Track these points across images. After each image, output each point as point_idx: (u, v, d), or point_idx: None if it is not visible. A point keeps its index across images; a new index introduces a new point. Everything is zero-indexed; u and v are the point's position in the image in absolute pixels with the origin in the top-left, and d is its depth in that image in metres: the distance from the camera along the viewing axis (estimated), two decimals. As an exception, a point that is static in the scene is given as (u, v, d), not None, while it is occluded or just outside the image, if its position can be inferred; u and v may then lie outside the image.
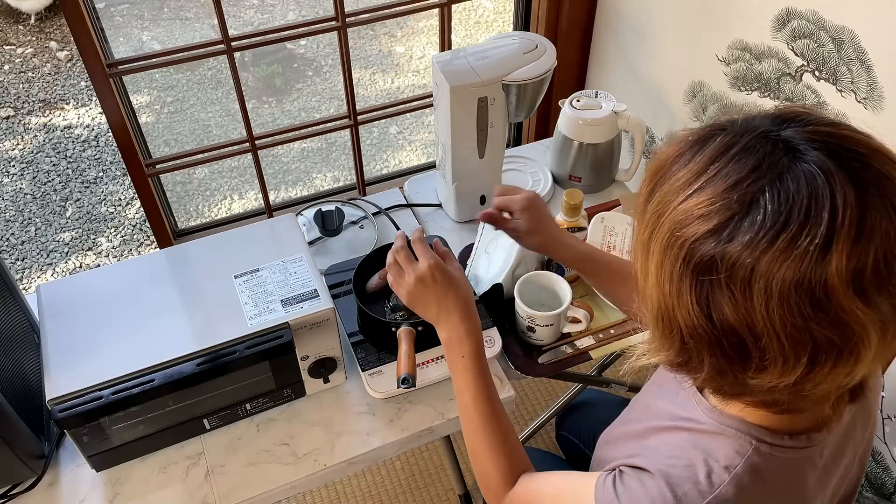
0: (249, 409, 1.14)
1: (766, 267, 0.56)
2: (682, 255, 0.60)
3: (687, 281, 0.60)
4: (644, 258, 0.65)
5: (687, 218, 0.60)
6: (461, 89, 1.27)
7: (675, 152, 0.64)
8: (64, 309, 1.08)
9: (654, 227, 0.63)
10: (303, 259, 1.13)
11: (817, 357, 0.58)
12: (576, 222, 1.27)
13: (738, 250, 0.57)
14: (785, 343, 0.58)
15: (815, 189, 0.56)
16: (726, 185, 0.58)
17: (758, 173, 0.58)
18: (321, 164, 3.00)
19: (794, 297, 0.56)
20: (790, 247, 0.55)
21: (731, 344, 0.60)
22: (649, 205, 0.65)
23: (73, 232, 2.76)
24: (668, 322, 0.64)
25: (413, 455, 1.93)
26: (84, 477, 1.09)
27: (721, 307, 0.59)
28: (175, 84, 3.35)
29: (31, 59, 3.60)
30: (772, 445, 0.70)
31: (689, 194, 0.60)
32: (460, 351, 0.96)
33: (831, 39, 1.20)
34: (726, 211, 0.58)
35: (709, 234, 0.58)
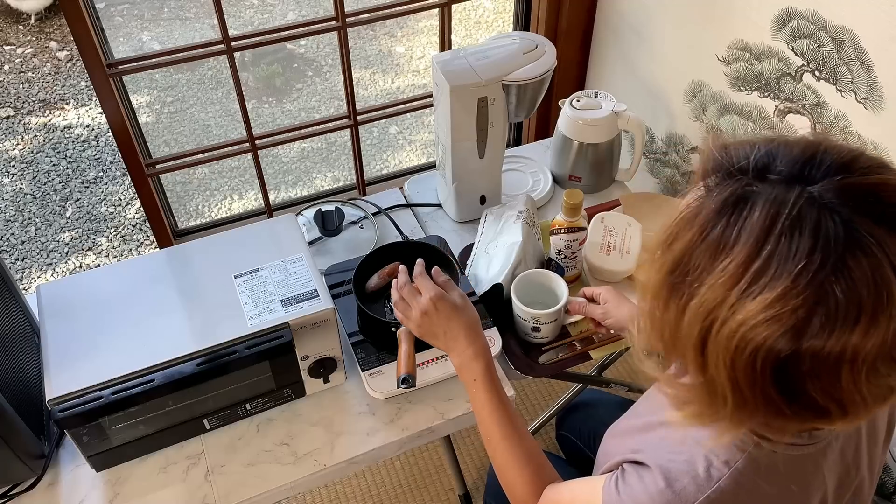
0: (249, 409, 1.14)
1: (852, 354, 0.56)
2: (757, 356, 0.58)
3: (768, 377, 0.59)
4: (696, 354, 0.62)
5: (755, 323, 0.57)
6: (461, 89, 1.27)
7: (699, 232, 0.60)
8: (64, 309, 1.08)
9: (710, 327, 0.60)
10: (303, 259, 1.13)
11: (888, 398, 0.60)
12: (576, 222, 1.27)
13: (818, 345, 0.56)
14: (870, 404, 0.59)
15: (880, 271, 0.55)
16: (787, 279, 0.56)
17: (817, 257, 0.55)
18: (321, 164, 3.00)
19: (879, 366, 0.57)
20: (869, 329, 0.55)
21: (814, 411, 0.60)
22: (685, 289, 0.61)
23: (73, 232, 2.75)
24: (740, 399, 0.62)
25: (413, 455, 1.93)
26: (84, 477, 1.09)
27: (808, 394, 0.59)
28: (175, 84, 3.35)
29: (31, 59, 3.60)
30: (773, 442, 0.70)
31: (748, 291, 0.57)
32: (472, 374, 0.99)
33: (831, 39, 1.20)
34: (797, 309, 0.56)
35: (783, 335, 0.57)
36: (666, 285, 0.63)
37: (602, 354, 1.26)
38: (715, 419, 0.65)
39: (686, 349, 0.63)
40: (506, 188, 1.51)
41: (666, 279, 0.63)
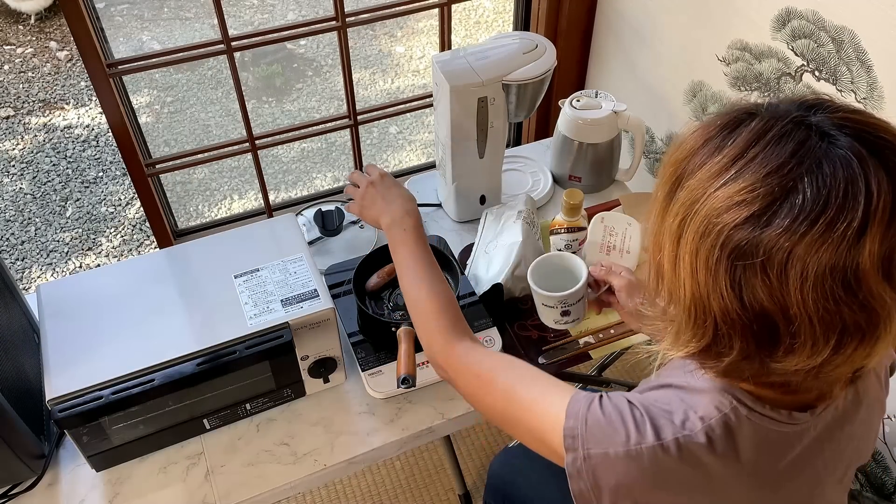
0: (249, 409, 1.14)
1: (804, 251, 0.57)
2: (719, 241, 0.61)
3: (723, 266, 0.61)
4: (673, 247, 0.65)
5: (726, 205, 0.60)
6: (461, 89, 1.27)
7: (703, 138, 0.65)
8: (64, 309, 1.08)
9: (687, 215, 0.63)
10: (303, 259, 1.13)
11: (843, 340, 0.60)
12: (576, 222, 1.27)
13: (776, 234, 0.58)
14: (816, 326, 0.59)
15: (851, 175, 0.57)
16: (766, 170, 0.59)
17: (797, 158, 0.59)
18: (321, 164, 3.00)
19: (829, 280, 0.57)
20: (828, 231, 0.57)
21: (763, 328, 0.62)
22: (679, 192, 0.65)
23: (73, 232, 2.76)
24: (701, 309, 0.64)
25: (413, 455, 1.93)
26: (84, 477, 1.09)
27: (755, 291, 0.60)
28: (175, 84, 3.35)
29: (31, 59, 3.60)
30: (750, 410, 0.71)
31: (725, 180, 0.61)
32: (402, 226, 1.08)
33: (831, 39, 1.20)
34: (766, 197, 0.59)
35: (747, 220, 0.59)
36: (665, 192, 0.67)
37: (602, 354, 1.26)
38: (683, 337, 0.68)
39: (665, 244, 0.66)
40: (506, 188, 1.51)
41: (665, 186, 0.67)
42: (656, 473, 0.70)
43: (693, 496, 0.72)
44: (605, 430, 0.73)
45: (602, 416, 0.74)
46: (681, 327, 0.68)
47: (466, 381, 0.91)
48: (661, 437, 0.70)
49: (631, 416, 0.72)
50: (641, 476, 0.71)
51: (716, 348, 0.66)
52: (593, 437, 0.73)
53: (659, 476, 0.71)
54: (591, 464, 0.72)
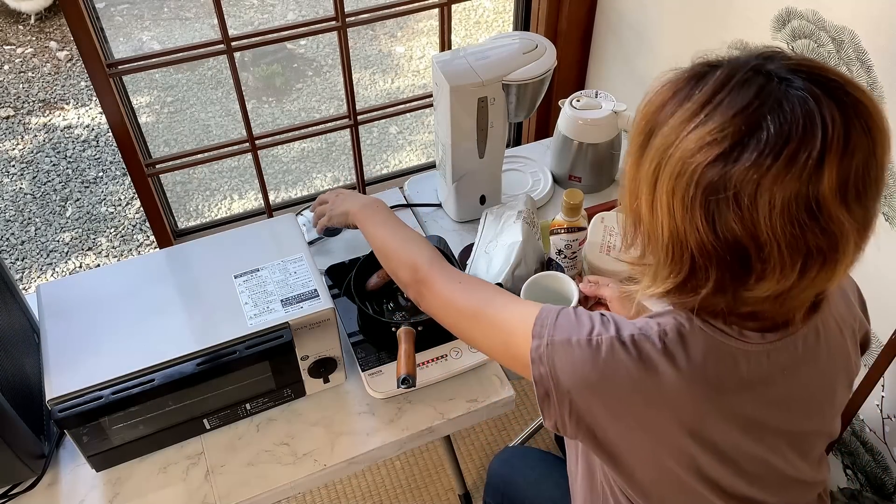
0: (249, 409, 1.14)
1: (771, 182, 0.63)
2: (693, 180, 0.66)
3: (698, 202, 0.66)
4: (650, 192, 0.70)
5: (697, 146, 0.65)
6: (461, 89, 1.27)
7: (672, 90, 0.70)
8: (64, 309, 1.08)
9: (662, 160, 0.69)
10: (303, 259, 1.13)
11: (808, 263, 0.66)
12: (576, 222, 1.27)
13: (746, 168, 0.63)
14: (784, 251, 0.65)
15: (809, 112, 0.63)
16: (733, 112, 0.65)
17: (759, 99, 0.65)
18: (321, 164, 3.00)
19: (794, 208, 0.63)
20: (791, 163, 0.63)
21: (736, 257, 0.67)
22: (652, 140, 0.70)
23: (73, 232, 2.76)
24: (679, 247, 0.70)
25: (413, 455, 1.93)
26: (84, 477, 1.09)
27: (728, 222, 0.65)
28: (175, 84, 3.35)
29: (31, 59, 3.60)
30: (704, 321, 0.76)
31: (696, 125, 0.66)
32: (373, 207, 1.18)
33: (831, 39, 1.20)
34: (734, 136, 0.64)
35: (718, 158, 0.64)
36: (639, 143, 0.72)
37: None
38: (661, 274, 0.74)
39: (643, 190, 0.72)
40: (506, 188, 1.51)
41: (639, 138, 0.72)
42: (610, 364, 0.76)
43: (644, 396, 0.76)
44: (572, 324, 0.80)
45: (570, 315, 0.81)
46: (659, 266, 0.73)
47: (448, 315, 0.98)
48: (621, 334, 0.77)
49: (599, 318, 0.80)
50: (594, 363, 0.76)
51: (693, 282, 0.71)
52: (560, 328, 0.80)
53: (613, 364, 0.76)
54: (552, 349, 0.78)
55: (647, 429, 0.77)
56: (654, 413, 0.76)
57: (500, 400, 1.18)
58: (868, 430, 1.35)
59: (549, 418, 0.81)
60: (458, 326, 0.96)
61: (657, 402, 0.76)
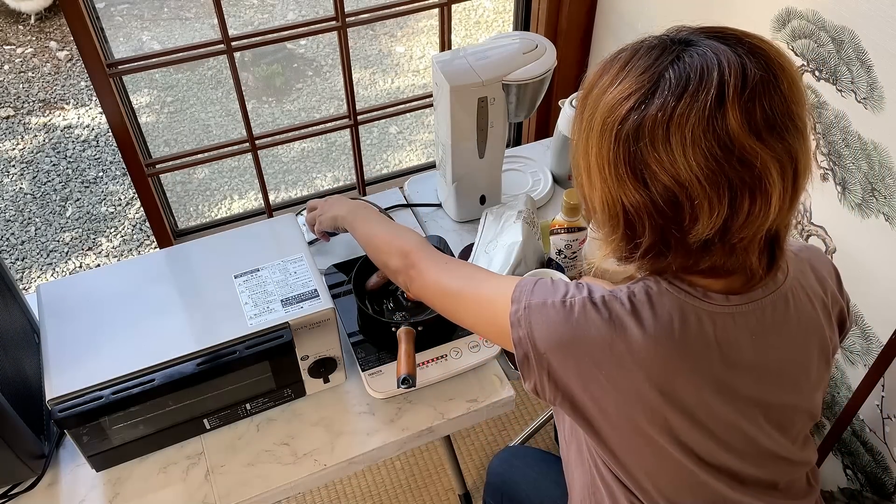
0: (249, 409, 1.14)
1: (678, 121, 0.69)
2: (613, 136, 0.73)
3: (621, 156, 0.73)
4: (585, 158, 0.77)
5: (613, 105, 0.73)
6: (461, 89, 1.27)
7: (598, 72, 0.78)
8: (64, 309, 1.08)
9: (589, 128, 0.76)
10: (303, 259, 1.13)
11: (735, 196, 0.70)
12: (576, 222, 1.27)
13: (654, 113, 0.70)
14: (706, 185, 0.70)
15: (705, 59, 0.71)
16: (640, 71, 0.73)
17: (662, 58, 0.73)
18: (321, 164, 3.00)
19: (705, 142, 0.69)
20: (693, 101, 0.69)
21: (666, 201, 0.72)
22: (584, 115, 0.78)
23: (73, 232, 2.76)
24: (612, 203, 0.76)
25: (413, 455, 1.93)
26: (84, 477, 1.09)
27: (650, 168, 0.71)
28: (175, 84, 3.35)
29: (31, 59, 3.60)
30: (670, 283, 0.80)
31: (612, 88, 0.74)
32: (362, 207, 1.21)
33: (831, 39, 1.20)
34: (641, 89, 0.71)
35: (630, 111, 0.72)
36: (577, 124, 0.79)
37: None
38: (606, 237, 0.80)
39: (580, 161, 0.79)
40: (506, 188, 1.51)
41: (577, 118, 0.80)
42: (581, 323, 0.79)
43: (615, 356, 0.79)
44: (548, 289, 0.84)
45: (549, 283, 0.86)
46: (602, 228, 0.80)
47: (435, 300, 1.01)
48: (592, 295, 0.81)
49: (574, 284, 0.84)
50: (567, 322, 0.80)
51: (633, 236, 0.77)
52: (537, 293, 0.84)
53: (581, 325, 0.79)
54: (529, 312, 0.83)
55: (619, 388, 0.79)
56: (624, 372, 0.79)
57: (500, 400, 1.19)
58: (868, 430, 1.35)
59: (528, 380, 0.84)
60: (447, 308, 0.99)
61: (627, 361, 0.78)
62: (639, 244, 0.77)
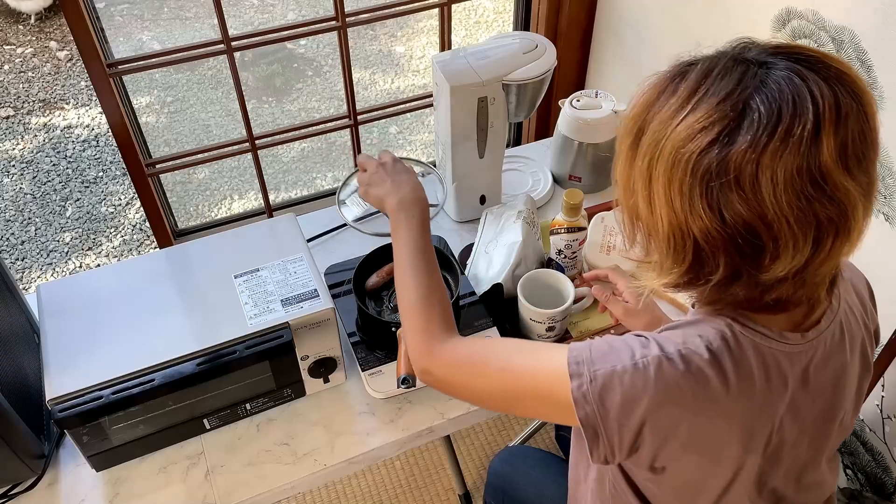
0: (249, 409, 1.14)
1: (770, 159, 0.63)
2: (689, 169, 0.66)
3: (697, 190, 0.66)
4: (646, 186, 0.71)
5: (688, 135, 0.66)
6: (461, 89, 1.27)
7: (657, 91, 0.72)
8: (64, 309, 1.08)
9: (654, 154, 0.69)
10: (303, 259, 1.13)
11: (820, 235, 0.66)
12: (576, 222, 1.27)
13: (743, 150, 0.64)
14: (794, 225, 0.65)
15: (795, 87, 0.64)
16: (718, 99, 0.66)
17: (743, 84, 0.66)
18: (321, 164, 3.00)
19: (798, 181, 0.63)
20: (787, 138, 0.63)
21: (746, 239, 0.67)
22: (643, 138, 0.71)
23: (73, 232, 2.76)
24: (680, 236, 0.70)
25: (413, 455, 1.93)
26: (84, 477, 1.09)
27: (733, 205, 0.65)
28: (175, 84, 3.35)
29: (31, 59, 3.60)
30: (744, 326, 0.76)
31: (684, 116, 0.67)
32: (411, 212, 1.02)
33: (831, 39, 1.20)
34: (724, 120, 0.65)
35: (711, 144, 0.65)
36: (628, 143, 0.73)
37: (602, 354, 1.26)
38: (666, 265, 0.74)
39: (638, 187, 0.72)
40: (506, 188, 1.51)
41: (628, 138, 0.73)
42: (661, 383, 0.73)
43: (697, 410, 0.74)
44: (609, 352, 0.76)
45: (605, 343, 0.78)
46: (663, 258, 0.74)
47: (459, 371, 0.90)
48: (666, 350, 0.74)
49: (635, 339, 0.77)
50: (646, 387, 0.73)
51: (702, 270, 0.71)
52: (599, 359, 0.76)
53: (664, 385, 0.73)
54: (596, 385, 0.74)
55: (700, 441, 0.75)
56: (706, 425, 0.74)
57: (500, 400, 1.18)
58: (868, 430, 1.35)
59: (597, 457, 0.77)
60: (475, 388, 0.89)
61: (709, 413, 0.74)
62: (708, 279, 0.71)
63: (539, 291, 1.23)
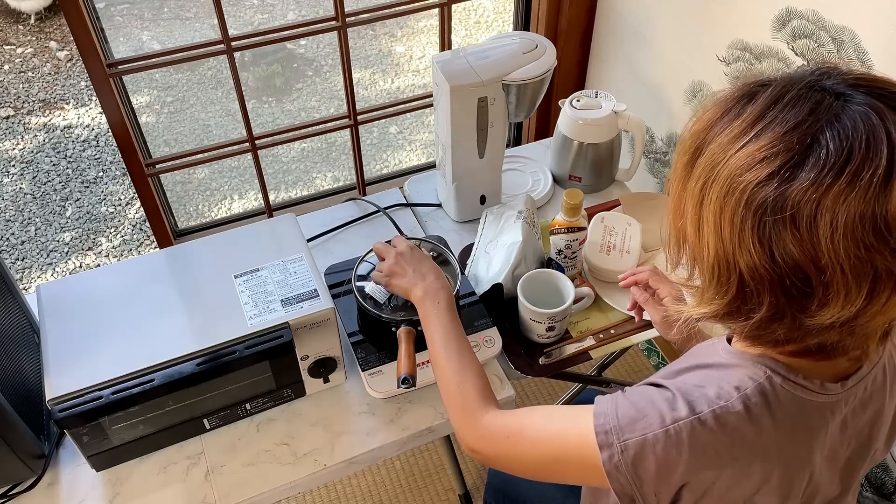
0: (249, 409, 1.14)
1: (832, 202, 0.59)
2: (743, 200, 0.62)
3: (749, 223, 0.62)
4: (696, 210, 0.67)
5: (748, 163, 0.62)
6: (461, 89, 1.27)
7: (721, 110, 0.67)
8: (64, 309, 1.08)
9: (709, 178, 0.65)
10: (303, 259, 1.13)
11: (876, 287, 0.61)
12: (576, 222, 1.27)
13: (804, 188, 0.59)
14: (849, 274, 0.60)
15: (871, 126, 0.59)
16: (785, 129, 0.61)
17: (815, 116, 0.60)
18: (321, 164, 3.00)
19: (860, 228, 0.59)
20: (854, 181, 0.58)
21: (795, 281, 0.62)
22: (699, 159, 0.67)
23: (73, 232, 2.76)
24: (725, 267, 0.66)
25: (413, 455, 1.93)
26: (84, 477, 1.09)
27: (785, 245, 0.61)
28: (175, 84, 3.35)
29: (31, 59, 3.60)
30: (784, 378, 0.71)
31: (745, 142, 0.63)
32: (436, 299, 1.04)
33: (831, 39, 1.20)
34: (787, 153, 0.60)
35: (771, 177, 0.61)
36: (685, 162, 0.69)
37: (602, 354, 1.26)
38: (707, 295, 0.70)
39: (688, 209, 0.68)
40: (506, 188, 1.51)
41: (685, 156, 0.69)
42: (696, 448, 0.70)
43: (736, 467, 0.71)
44: (637, 416, 0.72)
45: (631, 405, 0.73)
46: (705, 286, 0.70)
47: (498, 445, 0.88)
48: (697, 411, 0.70)
49: (661, 397, 0.72)
50: (681, 454, 0.70)
51: (744, 306, 0.67)
52: (627, 426, 0.72)
53: (699, 451, 0.70)
54: (628, 456, 0.71)
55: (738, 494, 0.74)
56: (744, 478, 0.72)
57: (500, 400, 1.18)
58: (868, 430, 1.35)
59: None
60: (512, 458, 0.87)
61: (747, 468, 0.72)
62: (750, 315, 0.67)
63: (539, 291, 1.23)
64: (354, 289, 1.20)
